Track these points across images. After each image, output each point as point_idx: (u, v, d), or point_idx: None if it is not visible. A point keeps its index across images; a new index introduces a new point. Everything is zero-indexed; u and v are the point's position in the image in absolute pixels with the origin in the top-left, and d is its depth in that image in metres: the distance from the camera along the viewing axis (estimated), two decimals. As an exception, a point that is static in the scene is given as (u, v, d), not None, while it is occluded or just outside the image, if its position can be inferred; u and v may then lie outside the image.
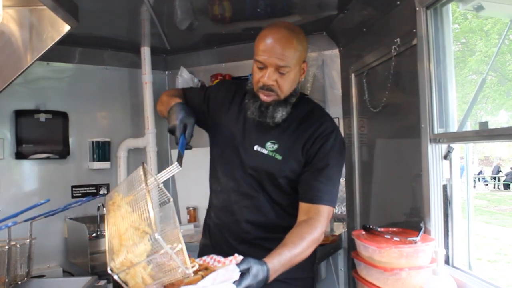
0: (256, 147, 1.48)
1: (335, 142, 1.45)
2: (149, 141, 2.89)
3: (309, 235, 1.31)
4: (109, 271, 0.96)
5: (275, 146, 1.47)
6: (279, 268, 1.19)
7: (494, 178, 18.77)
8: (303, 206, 1.41)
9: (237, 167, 1.51)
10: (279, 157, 1.46)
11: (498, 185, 18.31)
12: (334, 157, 1.44)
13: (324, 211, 1.38)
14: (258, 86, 1.41)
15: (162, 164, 3.01)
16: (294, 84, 1.44)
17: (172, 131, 1.42)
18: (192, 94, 1.67)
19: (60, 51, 2.61)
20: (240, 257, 1.13)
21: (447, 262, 1.56)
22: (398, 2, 1.82)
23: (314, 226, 1.34)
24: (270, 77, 1.37)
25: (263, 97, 1.41)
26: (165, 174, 1.25)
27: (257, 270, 1.11)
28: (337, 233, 2.58)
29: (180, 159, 1.30)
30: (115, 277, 0.95)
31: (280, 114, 1.43)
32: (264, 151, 1.47)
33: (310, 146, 1.44)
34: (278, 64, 1.35)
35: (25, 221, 1.69)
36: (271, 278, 1.15)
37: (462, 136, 1.55)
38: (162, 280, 1.01)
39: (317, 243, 1.35)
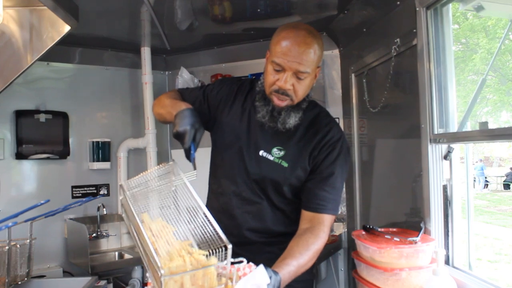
0: (261, 153, 1.44)
1: (341, 150, 1.43)
2: (149, 141, 2.89)
3: (315, 245, 1.30)
4: (161, 272, 0.93)
5: (282, 153, 1.43)
6: (287, 280, 1.18)
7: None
8: (306, 214, 1.40)
9: (239, 171, 1.46)
10: (285, 164, 1.42)
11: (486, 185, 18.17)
12: (340, 166, 1.42)
13: (327, 220, 1.38)
14: (272, 89, 1.35)
15: (162, 164, 3.01)
16: (309, 89, 1.40)
17: (179, 136, 1.31)
18: (190, 95, 1.59)
19: (60, 51, 2.62)
20: (253, 265, 1.12)
21: (447, 262, 1.56)
22: (398, 2, 1.82)
23: (319, 236, 1.33)
24: (287, 81, 1.31)
25: (277, 101, 1.36)
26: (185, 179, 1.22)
27: (275, 280, 1.09)
28: (337, 233, 2.58)
29: (195, 167, 1.28)
30: (162, 279, 0.93)
31: (293, 120, 1.39)
32: (270, 157, 1.43)
33: (317, 154, 1.41)
34: (298, 69, 1.30)
35: (25, 221, 1.69)
36: None
37: (462, 136, 1.55)
38: None
39: (320, 252, 1.34)
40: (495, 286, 1.34)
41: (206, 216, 1.06)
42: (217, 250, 0.99)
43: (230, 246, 0.98)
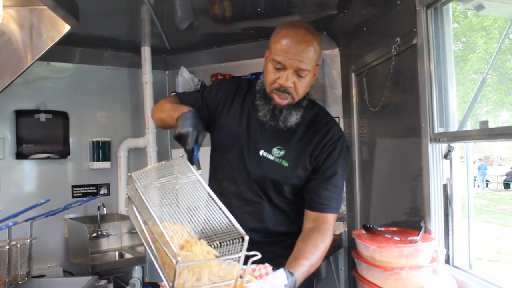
0: (262, 153, 1.44)
1: (342, 149, 1.43)
2: (149, 140, 2.89)
3: (323, 244, 1.31)
4: (178, 259, 0.89)
5: (282, 152, 1.43)
6: (301, 280, 1.19)
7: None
8: (310, 214, 1.40)
9: (239, 172, 1.46)
10: (285, 163, 1.42)
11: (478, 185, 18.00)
12: (341, 165, 1.42)
13: (332, 219, 1.39)
14: (273, 87, 1.35)
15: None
16: (309, 87, 1.41)
17: (181, 138, 1.29)
18: (189, 99, 1.58)
19: (60, 51, 2.61)
20: (269, 266, 1.12)
21: (447, 261, 1.56)
22: (399, 2, 1.82)
23: (326, 235, 1.34)
24: (288, 79, 1.31)
25: (278, 99, 1.36)
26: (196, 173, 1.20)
27: (291, 281, 1.10)
28: (337, 232, 2.58)
29: (199, 167, 1.27)
30: (176, 267, 0.90)
31: (294, 118, 1.39)
32: (271, 157, 1.43)
33: (318, 154, 1.42)
34: (299, 67, 1.30)
35: (26, 221, 1.69)
36: None
37: (462, 136, 1.55)
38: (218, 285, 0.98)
39: (327, 251, 1.35)
40: (495, 285, 1.34)
41: (220, 209, 1.05)
42: (232, 241, 0.97)
43: (247, 238, 0.96)
